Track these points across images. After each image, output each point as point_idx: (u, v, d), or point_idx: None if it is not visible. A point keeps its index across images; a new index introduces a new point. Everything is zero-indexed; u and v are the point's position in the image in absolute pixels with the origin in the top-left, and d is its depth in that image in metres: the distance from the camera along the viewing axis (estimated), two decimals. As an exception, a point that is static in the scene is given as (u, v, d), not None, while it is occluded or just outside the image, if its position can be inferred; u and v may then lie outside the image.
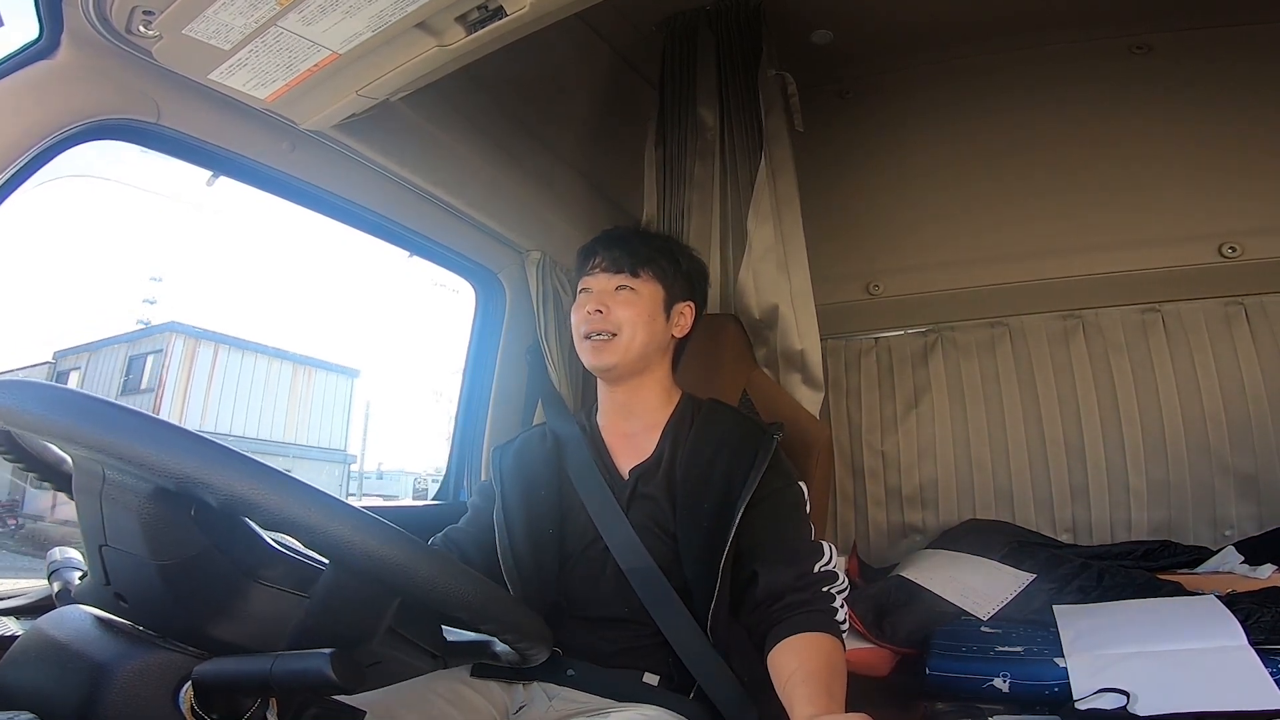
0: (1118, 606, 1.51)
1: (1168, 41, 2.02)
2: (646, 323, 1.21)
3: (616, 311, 1.20)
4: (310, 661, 0.51)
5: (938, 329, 2.30)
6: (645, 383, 1.24)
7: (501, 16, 1.04)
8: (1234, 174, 2.00)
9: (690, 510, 1.11)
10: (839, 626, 1.01)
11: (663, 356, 1.25)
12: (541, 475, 1.21)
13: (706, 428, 1.19)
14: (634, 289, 1.21)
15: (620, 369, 1.20)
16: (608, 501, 1.15)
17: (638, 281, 1.22)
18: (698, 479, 1.13)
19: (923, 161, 2.29)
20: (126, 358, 11.42)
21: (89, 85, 1.05)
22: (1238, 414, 1.94)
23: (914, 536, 2.21)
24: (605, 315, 1.20)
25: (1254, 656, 1.24)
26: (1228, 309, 1.99)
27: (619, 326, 1.19)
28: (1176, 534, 1.94)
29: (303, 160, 1.36)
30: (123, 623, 0.60)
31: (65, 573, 0.74)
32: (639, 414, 1.24)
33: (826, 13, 2.01)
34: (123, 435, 0.53)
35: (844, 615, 1.03)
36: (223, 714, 0.54)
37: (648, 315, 1.21)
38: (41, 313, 13.28)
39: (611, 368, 1.20)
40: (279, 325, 19.63)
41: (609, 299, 1.21)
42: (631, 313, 1.20)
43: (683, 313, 1.26)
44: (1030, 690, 1.37)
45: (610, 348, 1.19)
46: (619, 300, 1.20)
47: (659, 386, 1.25)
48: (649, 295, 1.22)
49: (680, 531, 1.10)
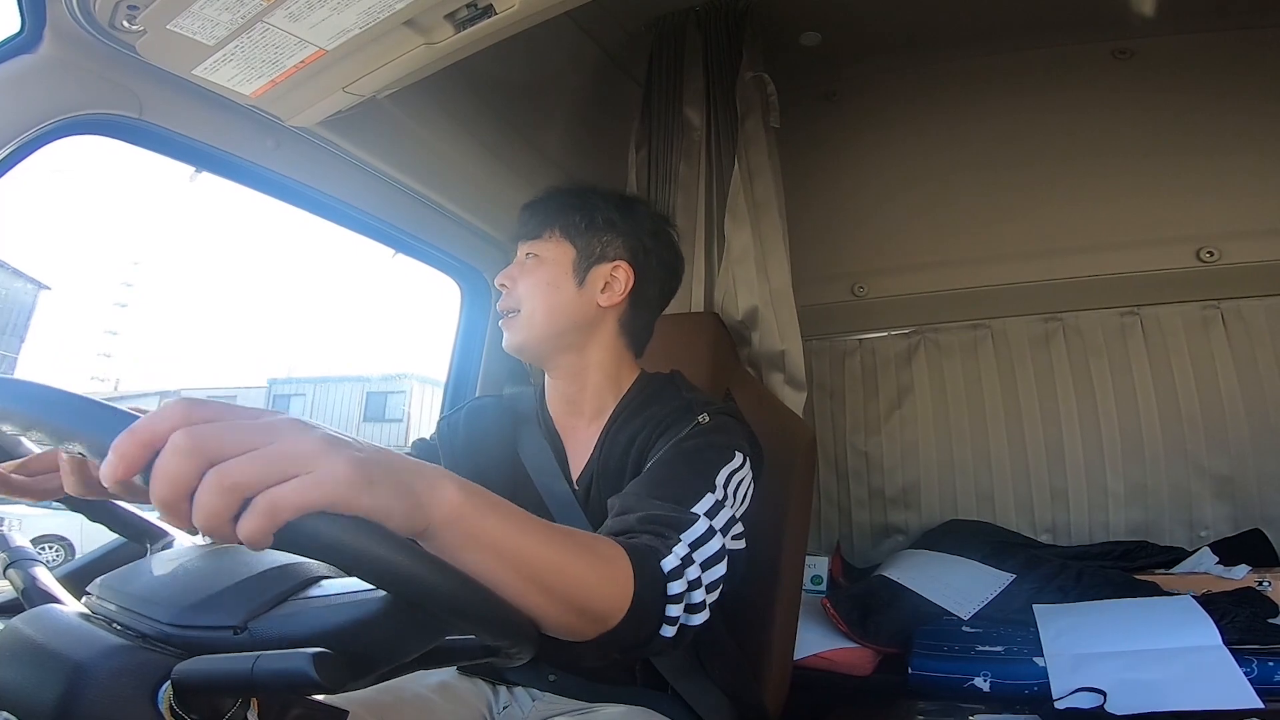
0: (1096, 606, 1.54)
1: (1150, 47, 2.04)
2: (546, 291, 1.05)
3: (520, 284, 1.06)
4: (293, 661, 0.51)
5: (921, 331, 2.32)
6: (583, 369, 1.08)
7: (490, 15, 1.04)
8: (1213, 179, 2.02)
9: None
10: (650, 557, 0.74)
11: (592, 331, 1.08)
12: (494, 455, 1.08)
13: (635, 417, 1.04)
14: (538, 255, 1.07)
15: (529, 349, 1.07)
16: (571, 505, 1.03)
17: (541, 244, 1.07)
18: (617, 480, 1.00)
19: (909, 164, 2.30)
20: (364, 393, 15.37)
21: (70, 80, 1.04)
22: (1214, 417, 1.97)
23: (896, 537, 2.23)
24: (510, 290, 1.07)
25: (1228, 656, 1.27)
26: (1205, 313, 2.02)
27: (520, 301, 1.06)
28: (1153, 535, 1.96)
29: (287, 157, 1.35)
30: (101, 621, 0.60)
31: (26, 565, 0.70)
32: (582, 407, 1.09)
33: (815, 15, 2.02)
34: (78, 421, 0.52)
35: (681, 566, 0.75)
36: (203, 714, 0.53)
37: (549, 283, 1.05)
38: (259, 341, 14.85)
39: (518, 349, 1.07)
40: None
41: (516, 270, 1.08)
42: (530, 282, 1.06)
43: (612, 275, 1.07)
44: (1010, 689, 1.38)
45: (515, 326, 1.06)
46: (524, 270, 1.07)
47: (601, 373, 1.09)
48: (553, 259, 1.07)
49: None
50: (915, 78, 2.24)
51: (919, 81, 2.24)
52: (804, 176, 2.13)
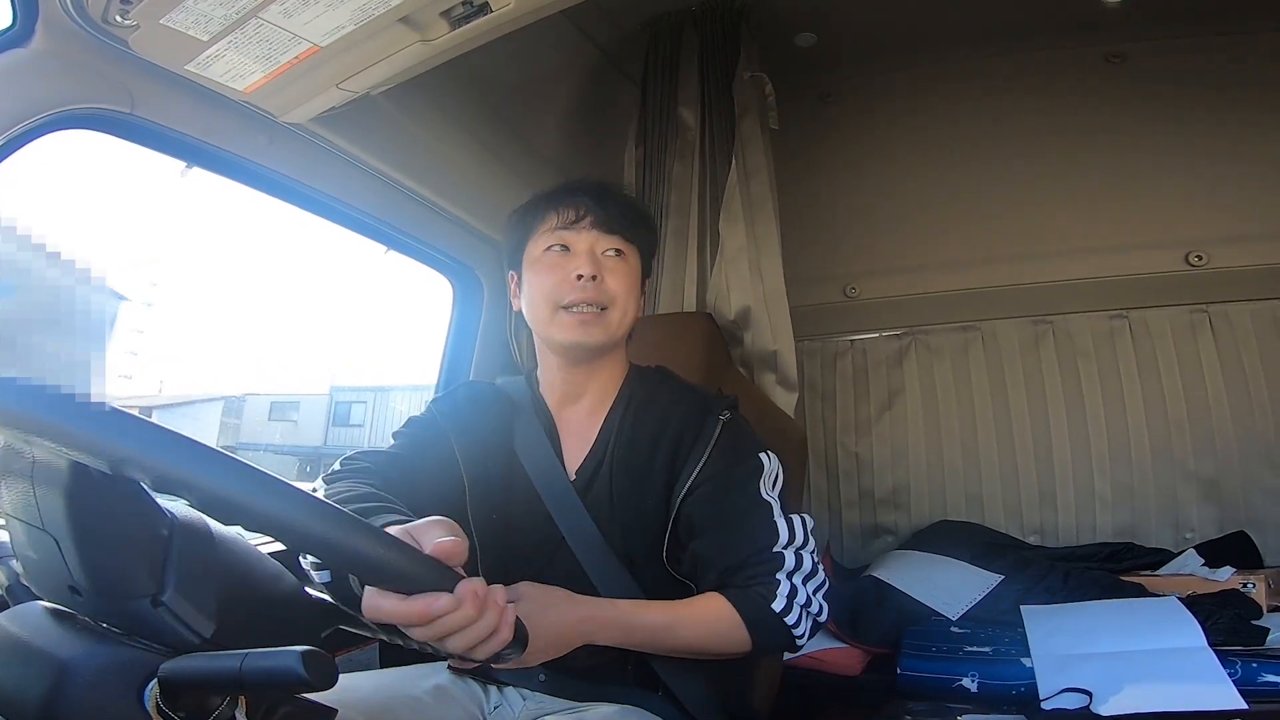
0: (1083, 607, 1.55)
1: (1142, 51, 2.06)
2: (636, 299, 1.05)
3: (609, 281, 1.02)
4: (281, 659, 0.50)
5: (912, 332, 2.33)
6: (603, 365, 1.09)
7: (486, 13, 1.04)
8: (1202, 184, 2.04)
9: (634, 509, 1.01)
10: (763, 606, 0.92)
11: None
12: (490, 442, 1.06)
13: (648, 410, 1.06)
14: (625, 256, 1.04)
15: (606, 348, 1.05)
16: (567, 494, 1.03)
17: (629, 246, 1.05)
18: (639, 474, 1.02)
19: (901, 166, 2.31)
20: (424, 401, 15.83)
21: (62, 74, 1.03)
22: (1200, 420, 1.99)
23: (886, 537, 2.24)
24: (599, 284, 1.01)
25: (1213, 657, 1.28)
26: (1193, 317, 2.04)
27: (613, 299, 1.02)
28: (1140, 537, 1.98)
29: (280, 153, 1.34)
30: (86, 620, 0.59)
31: (8, 562, 0.70)
32: (585, 397, 1.10)
33: (811, 16, 2.03)
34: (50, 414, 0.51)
35: (789, 602, 0.93)
36: (189, 712, 0.53)
37: (637, 289, 1.05)
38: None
39: (598, 347, 1.04)
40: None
41: (595, 265, 1.02)
42: (625, 285, 1.03)
43: (644, 287, 1.11)
44: (998, 690, 1.39)
45: (601, 324, 1.02)
46: (612, 267, 1.03)
47: (612, 368, 1.10)
48: (637, 266, 1.06)
49: (624, 531, 1.01)
50: (909, 80, 2.24)
51: (913, 84, 2.25)
52: (797, 177, 2.14)
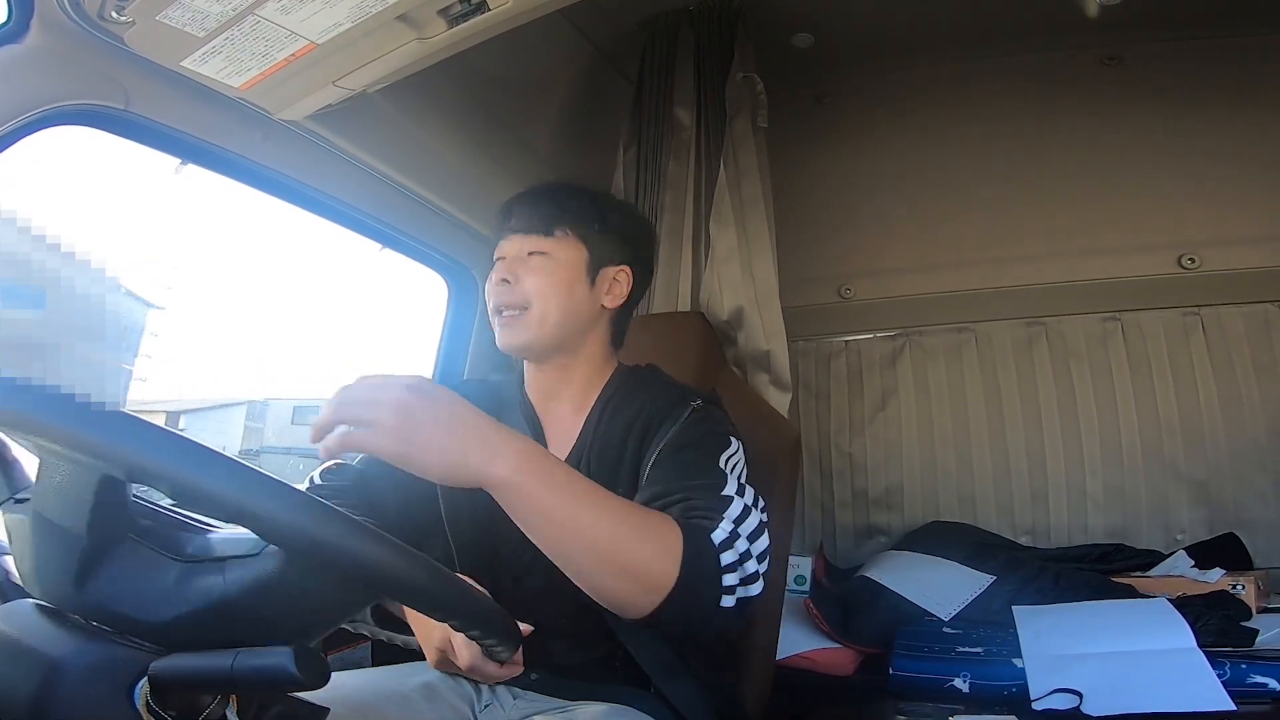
0: (1074, 608, 1.55)
1: (1138, 54, 2.06)
2: (564, 293, 1.06)
3: (527, 281, 1.05)
4: (273, 658, 0.50)
5: (906, 333, 2.33)
6: (574, 363, 1.10)
7: (484, 11, 1.04)
8: (1195, 186, 2.04)
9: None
10: (704, 535, 0.80)
11: (592, 331, 1.11)
12: None
13: (627, 405, 1.07)
14: (548, 253, 1.06)
15: (536, 348, 1.08)
16: None
17: (552, 243, 1.07)
18: (612, 465, 1.03)
19: (896, 167, 2.32)
20: None
21: (56, 70, 1.03)
22: (1191, 422, 2.00)
23: (879, 538, 2.24)
24: (514, 286, 1.05)
25: (1202, 659, 1.29)
26: (1185, 319, 2.05)
27: (529, 299, 1.05)
28: (1131, 538, 1.99)
29: (275, 150, 1.33)
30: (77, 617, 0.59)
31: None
32: (565, 396, 1.11)
33: (808, 17, 2.02)
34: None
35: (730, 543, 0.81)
36: (180, 711, 0.53)
37: (565, 284, 1.06)
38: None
39: (524, 347, 1.07)
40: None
41: (519, 266, 1.06)
42: (544, 281, 1.05)
43: (616, 279, 1.11)
44: (990, 690, 1.40)
45: (521, 324, 1.05)
46: (531, 267, 1.06)
47: (588, 366, 1.11)
48: (567, 260, 1.07)
49: None
50: (905, 81, 2.25)
51: (909, 85, 2.25)
52: (793, 178, 2.14)
